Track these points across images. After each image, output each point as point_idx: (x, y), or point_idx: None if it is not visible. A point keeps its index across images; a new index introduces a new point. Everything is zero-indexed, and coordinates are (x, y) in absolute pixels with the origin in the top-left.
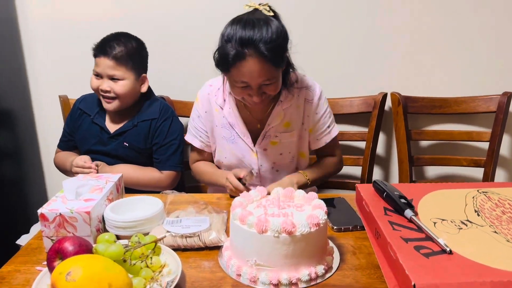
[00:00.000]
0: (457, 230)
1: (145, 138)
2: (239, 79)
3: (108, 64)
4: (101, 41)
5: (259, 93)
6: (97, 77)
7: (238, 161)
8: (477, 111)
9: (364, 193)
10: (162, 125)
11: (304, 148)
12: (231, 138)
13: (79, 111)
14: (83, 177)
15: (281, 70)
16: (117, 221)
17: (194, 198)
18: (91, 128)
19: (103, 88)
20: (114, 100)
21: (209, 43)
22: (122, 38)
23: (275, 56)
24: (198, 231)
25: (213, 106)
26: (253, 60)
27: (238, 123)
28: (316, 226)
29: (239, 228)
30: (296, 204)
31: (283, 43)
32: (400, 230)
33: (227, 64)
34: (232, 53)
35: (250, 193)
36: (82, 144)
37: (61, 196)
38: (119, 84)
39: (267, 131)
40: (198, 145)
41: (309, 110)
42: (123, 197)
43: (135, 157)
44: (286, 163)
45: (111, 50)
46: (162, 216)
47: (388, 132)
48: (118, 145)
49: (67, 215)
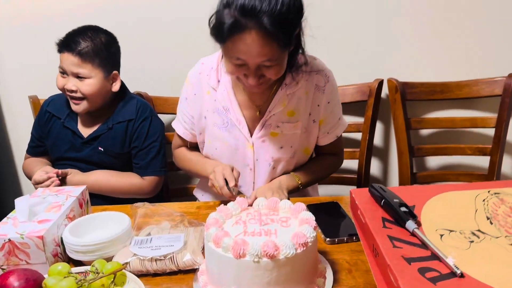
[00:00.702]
0: (467, 244)
1: (122, 141)
2: (234, 55)
3: (73, 61)
4: (66, 35)
5: (256, 75)
6: (62, 74)
7: (231, 153)
8: (481, 95)
9: (359, 201)
10: (140, 126)
11: (310, 143)
12: (224, 125)
13: (47, 114)
14: (42, 191)
15: (287, 51)
16: (76, 244)
17: (169, 210)
18: (62, 133)
19: (68, 88)
20: (82, 101)
21: (190, 35)
22: (89, 32)
23: (282, 34)
24: (170, 252)
25: (204, 88)
26: (253, 35)
27: (233, 108)
28: (303, 247)
29: (214, 251)
30: (281, 218)
31: (294, 19)
32: (402, 247)
33: (222, 34)
34: (230, 22)
35: (228, 206)
36: (53, 151)
37: (13, 218)
38: (86, 83)
39: (267, 119)
40: (181, 132)
41: (320, 99)
42: (89, 213)
43: (112, 163)
44: (285, 159)
45: (76, 45)
46: (129, 235)
47: (386, 121)
48: (93, 150)
49: (17, 241)
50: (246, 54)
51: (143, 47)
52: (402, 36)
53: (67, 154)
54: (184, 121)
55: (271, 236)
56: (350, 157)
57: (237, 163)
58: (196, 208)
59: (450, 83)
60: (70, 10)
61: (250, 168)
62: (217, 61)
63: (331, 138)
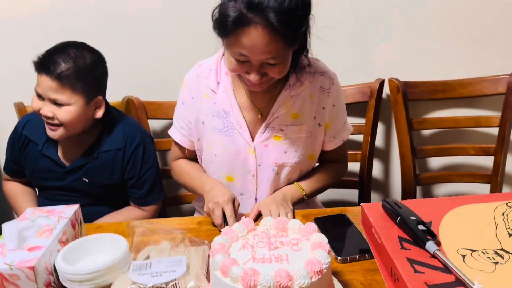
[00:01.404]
0: (492, 266)
1: (110, 172)
2: (237, 50)
3: (50, 86)
4: (45, 53)
5: (259, 72)
6: (39, 97)
7: (231, 160)
8: (484, 93)
9: (372, 217)
10: (133, 155)
11: (316, 149)
12: (224, 130)
13: (23, 138)
14: (31, 213)
15: (292, 50)
16: (71, 273)
17: (167, 228)
18: (41, 161)
19: (44, 113)
20: (58, 127)
21: (183, 37)
22: (72, 51)
23: (288, 31)
24: (173, 279)
25: (202, 91)
26: (259, 30)
27: (233, 111)
28: (319, 275)
29: (221, 281)
30: (291, 241)
31: (302, 16)
32: (424, 272)
33: (225, 27)
34: (234, 15)
35: (233, 227)
36: (33, 179)
37: (0, 245)
38: (63, 110)
39: (270, 121)
40: (177, 139)
41: (325, 101)
42: (82, 234)
43: (99, 192)
44: (290, 164)
45: (55, 67)
46: (127, 260)
47: (387, 122)
48: (77, 181)
49: (6, 273)
50: (249, 50)
51: (134, 49)
52: (403, 34)
53: (49, 183)
54: (181, 127)
55: (282, 262)
56: (351, 160)
57: (238, 170)
58: (197, 223)
59: (452, 82)
60: (56, 13)
61: (253, 175)
62: (215, 62)
63: (337, 143)
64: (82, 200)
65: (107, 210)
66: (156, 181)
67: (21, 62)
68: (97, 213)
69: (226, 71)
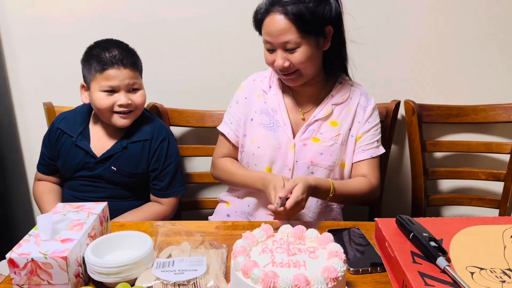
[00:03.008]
0: (499, 285)
1: (137, 162)
2: (264, 39)
3: (127, 75)
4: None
5: (282, 57)
6: (109, 93)
7: (272, 152)
8: (497, 120)
9: (386, 232)
10: (159, 147)
11: (347, 157)
12: (270, 125)
13: (59, 132)
14: (62, 207)
15: (311, 40)
16: (99, 265)
17: (189, 229)
18: (74, 152)
19: (123, 103)
20: (130, 113)
21: (207, 48)
22: (123, 45)
23: (300, 17)
24: (194, 277)
25: (255, 92)
26: (276, 16)
27: (280, 110)
28: (334, 282)
29: (242, 282)
30: (309, 248)
31: (316, 9)
32: (434, 286)
33: (256, 21)
34: (262, 10)
35: (254, 232)
36: (64, 170)
37: (35, 235)
38: (139, 94)
39: (311, 123)
40: (226, 132)
41: (361, 117)
42: (108, 230)
43: (123, 182)
44: (324, 166)
45: (125, 58)
46: (151, 257)
47: (401, 143)
48: (105, 169)
49: (40, 261)
50: (270, 35)
51: (160, 58)
52: (420, 58)
53: (78, 173)
54: (231, 123)
55: (300, 268)
56: None
57: (277, 162)
58: (215, 228)
59: (466, 107)
60: (87, 17)
61: (289, 169)
62: (270, 71)
63: (365, 156)
64: (106, 191)
65: (129, 205)
66: (177, 175)
67: (50, 64)
68: (119, 209)
69: (278, 77)
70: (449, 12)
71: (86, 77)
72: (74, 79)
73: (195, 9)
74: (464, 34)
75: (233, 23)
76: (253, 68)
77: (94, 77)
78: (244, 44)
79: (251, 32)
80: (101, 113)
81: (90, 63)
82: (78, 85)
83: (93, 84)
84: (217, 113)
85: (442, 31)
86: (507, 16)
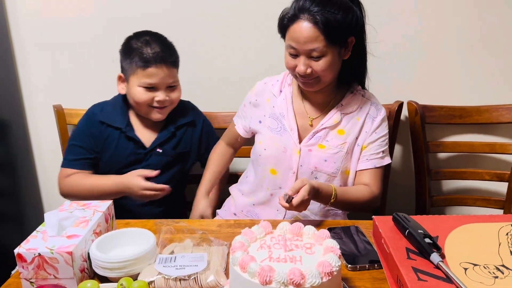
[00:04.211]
0: (492, 280)
1: (186, 143)
2: (289, 44)
3: (168, 73)
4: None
5: (305, 64)
6: (149, 89)
7: (278, 155)
8: (500, 121)
9: (382, 229)
10: (208, 125)
11: (352, 165)
12: (277, 129)
13: (103, 125)
14: (69, 205)
15: (335, 49)
16: (104, 261)
17: (191, 227)
18: (122, 144)
19: (160, 99)
20: (166, 108)
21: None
22: (164, 40)
23: (329, 26)
24: (194, 272)
25: (266, 95)
26: (304, 23)
27: (288, 115)
28: (329, 276)
29: (239, 276)
30: (305, 245)
31: (344, 20)
32: (427, 281)
33: (282, 25)
34: (289, 15)
35: (253, 229)
36: (112, 165)
37: (42, 231)
38: (176, 90)
39: (318, 130)
40: (237, 124)
41: (369, 127)
42: (113, 227)
43: (167, 161)
44: (328, 173)
45: (167, 56)
46: (154, 253)
47: (404, 144)
48: (153, 158)
49: (46, 256)
50: (296, 41)
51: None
52: (423, 59)
53: (130, 167)
54: (244, 118)
55: (296, 263)
56: None
57: (282, 165)
58: (217, 226)
59: (469, 108)
60: (98, 21)
61: (293, 172)
62: (283, 76)
63: (370, 165)
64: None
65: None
66: None
67: (59, 67)
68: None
69: (289, 82)
70: (453, 13)
71: (126, 69)
72: (82, 81)
73: (199, 8)
74: (468, 35)
75: (240, 24)
76: (261, 70)
77: (134, 72)
78: (252, 45)
79: (260, 33)
80: (138, 107)
81: (132, 57)
82: (87, 88)
83: (133, 78)
84: (223, 114)
85: (445, 32)
86: (511, 16)
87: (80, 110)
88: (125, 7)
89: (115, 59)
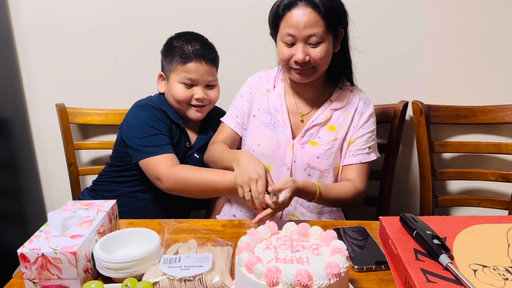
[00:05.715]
0: (502, 282)
1: None
2: (285, 31)
3: (207, 70)
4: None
5: (303, 51)
6: (188, 86)
7: (272, 151)
8: (505, 121)
9: (390, 230)
10: None
11: (340, 161)
12: (271, 124)
13: (165, 116)
14: (72, 205)
15: (331, 38)
16: (108, 261)
17: (195, 227)
18: (179, 140)
19: (199, 97)
20: (204, 107)
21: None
22: (204, 39)
23: (328, 11)
24: (199, 273)
25: (260, 90)
26: (303, 8)
27: (282, 110)
28: (337, 277)
29: (245, 277)
30: (312, 245)
31: (339, 8)
32: (436, 282)
33: (277, 15)
34: (285, 2)
35: (258, 229)
36: None
37: (46, 231)
38: (215, 89)
39: (309, 128)
40: (232, 126)
41: (357, 122)
42: (117, 227)
43: None
44: (321, 169)
45: (207, 53)
46: (159, 253)
47: (409, 144)
48: (189, 156)
49: (50, 256)
50: (295, 27)
51: None
52: (428, 59)
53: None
54: (237, 116)
55: (303, 264)
56: (372, 179)
57: (276, 161)
58: (222, 226)
59: (475, 108)
60: (101, 20)
61: (288, 168)
62: (276, 71)
63: (354, 161)
64: None
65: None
66: None
67: (62, 66)
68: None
69: (282, 78)
70: (458, 12)
71: (166, 68)
72: (85, 80)
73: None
74: (473, 34)
75: (234, 22)
76: (256, 67)
77: (175, 68)
78: (248, 42)
79: (255, 30)
80: (178, 104)
81: (172, 54)
82: (89, 87)
83: (173, 75)
84: None
85: (450, 32)
86: None
87: (82, 109)
88: (127, 6)
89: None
